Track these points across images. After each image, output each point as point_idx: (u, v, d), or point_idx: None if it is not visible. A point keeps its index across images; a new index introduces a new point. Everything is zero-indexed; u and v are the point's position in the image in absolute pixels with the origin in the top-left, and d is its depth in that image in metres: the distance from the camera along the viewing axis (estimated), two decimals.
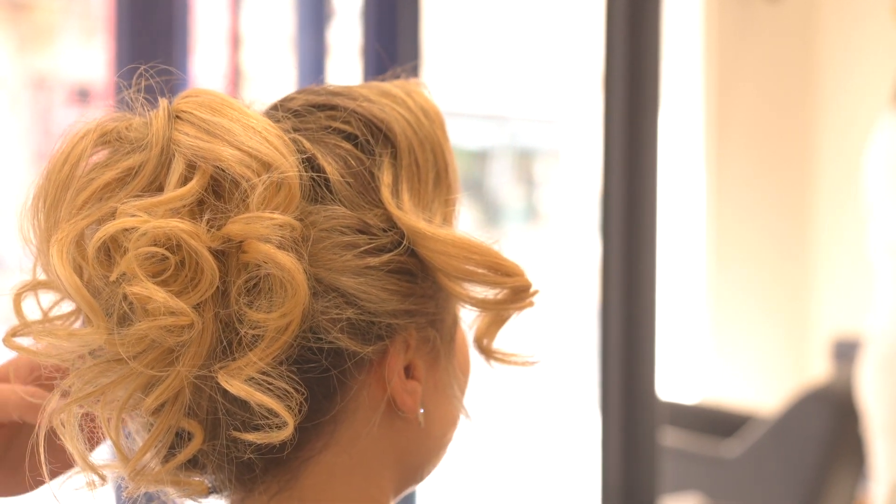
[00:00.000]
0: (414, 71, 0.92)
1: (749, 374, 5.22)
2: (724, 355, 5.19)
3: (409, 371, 0.83)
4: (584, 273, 7.63)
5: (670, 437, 3.85)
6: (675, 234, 5.16)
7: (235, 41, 3.14)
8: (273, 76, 3.27)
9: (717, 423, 4.17)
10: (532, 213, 9.67)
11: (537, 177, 9.69)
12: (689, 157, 5.15)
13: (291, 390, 0.74)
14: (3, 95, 8.37)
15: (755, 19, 5.18)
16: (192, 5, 1.96)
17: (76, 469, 0.76)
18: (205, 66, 3.06)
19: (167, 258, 0.71)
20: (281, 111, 0.84)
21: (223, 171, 0.74)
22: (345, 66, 2.53)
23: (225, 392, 0.75)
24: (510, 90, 8.32)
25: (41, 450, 0.76)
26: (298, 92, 0.87)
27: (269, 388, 0.73)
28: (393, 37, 2.12)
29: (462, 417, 0.91)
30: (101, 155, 0.76)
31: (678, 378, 5.10)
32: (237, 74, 3.12)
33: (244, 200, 0.74)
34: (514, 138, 9.25)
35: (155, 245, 0.71)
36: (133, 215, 0.71)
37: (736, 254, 5.20)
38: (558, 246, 8.62)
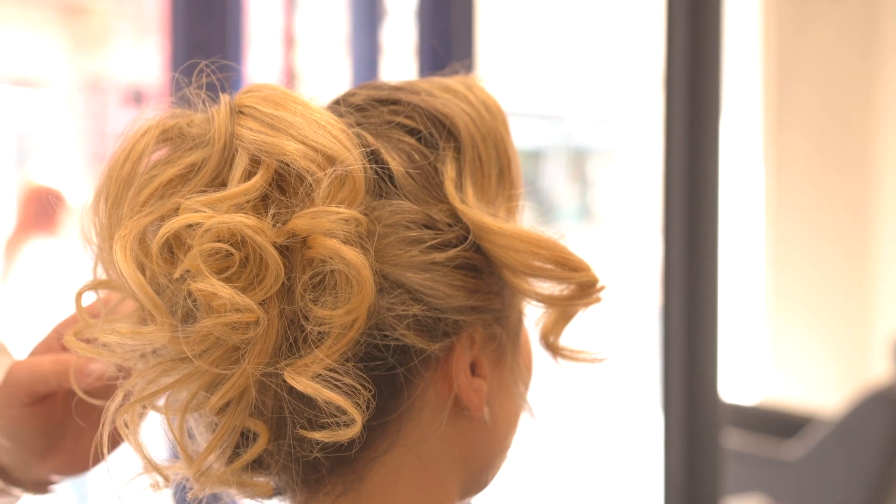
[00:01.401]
0: (468, 70, 0.91)
1: (809, 374, 5.18)
2: (784, 355, 5.15)
3: (473, 369, 0.82)
4: (638, 272, 7.60)
5: (731, 438, 3.81)
6: (734, 233, 5.12)
7: (290, 42, 3.15)
8: (327, 76, 3.27)
9: (777, 424, 4.13)
10: (586, 212, 9.66)
11: (591, 176, 9.67)
12: (748, 155, 5.11)
13: (359, 387, 0.73)
14: (58, 97, 8.45)
15: (815, 17, 5.13)
16: (247, 6, 1.96)
17: (140, 471, 0.76)
18: (259, 67, 3.07)
19: (231, 254, 0.71)
20: (343, 106, 0.83)
21: (287, 165, 0.72)
22: (399, 66, 2.52)
23: (291, 390, 0.74)
24: (564, 89, 8.30)
25: (104, 451, 0.75)
26: (360, 87, 0.86)
27: (336, 385, 0.72)
28: (447, 36, 2.11)
29: (524, 416, 0.89)
30: (162, 152, 0.75)
31: (737, 378, 5.07)
32: (291, 75, 3.12)
33: (309, 195, 0.73)
34: (569, 137, 9.24)
35: (219, 241, 0.70)
36: (197, 211, 0.70)
37: (796, 252, 5.16)
38: (612, 245, 8.60)
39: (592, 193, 9.65)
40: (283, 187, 0.73)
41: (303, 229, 0.72)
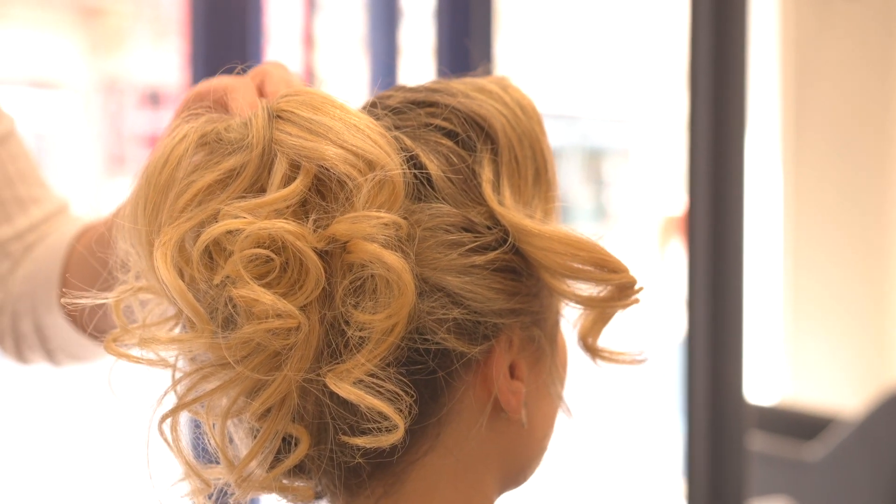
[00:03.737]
0: (488, 71, 0.91)
1: (828, 375, 5.16)
2: (803, 356, 5.13)
3: (511, 371, 0.81)
4: (654, 272, 7.58)
5: (752, 440, 3.80)
6: (752, 234, 5.11)
7: (309, 42, 3.15)
8: (346, 77, 3.28)
9: (797, 426, 4.12)
10: (601, 212, 9.66)
11: (607, 176, 9.67)
12: (766, 155, 5.09)
13: (401, 393, 0.72)
14: (75, 98, 8.48)
15: (833, 17, 5.11)
16: (266, 7, 1.96)
17: (181, 476, 0.76)
18: None
19: (272, 260, 0.70)
20: (379, 108, 0.82)
21: (327, 170, 0.72)
22: (417, 67, 2.53)
23: (332, 395, 0.74)
24: (580, 90, 8.30)
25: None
26: (395, 89, 0.85)
27: (378, 391, 0.72)
28: (466, 36, 2.11)
29: (558, 417, 0.89)
30: (198, 157, 0.74)
31: (757, 380, 5.05)
32: (311, 75, 3.12)
33: (349, 199, 0.72)
34: (584, 138, 9.23)
35: (259, 246, 0.70)
36: (237, 217, 0.70)
37: (815, 253, 5.14)
38: (627, 245, 8.59)
39: (608, 193, 9.64)
40: (322, 192, 0.73)
41: (343, 234, 0.71)
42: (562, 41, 7.93)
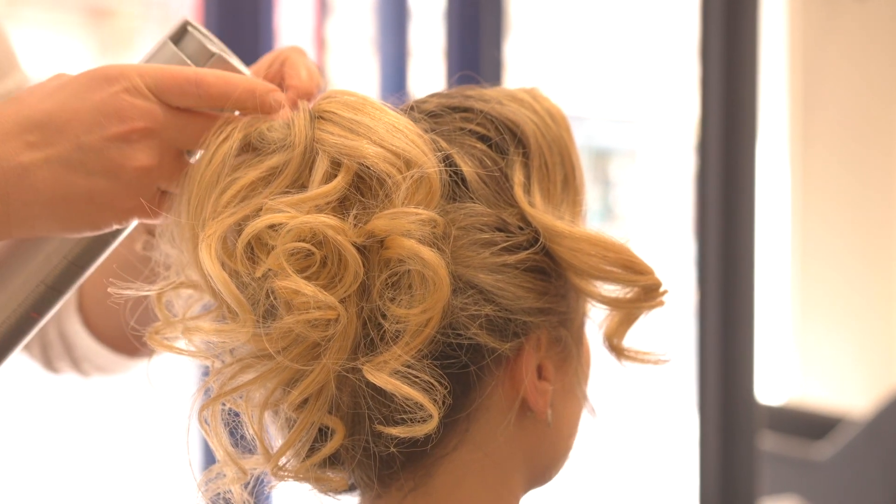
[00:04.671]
0: (496, 71, 0.93)
1: (837, 375, 5.16)
2: (811, 356, 5.13)
3: (539, 371, 0.83)
4: (662, 272, 7.58)
5: (762, 439, 3.79)
6: (762, 233, 5.10)
7: (320, 44, 3.16)
8: (356, 78, 3.29)
9: (806, 425, 4.12)
10: (608, 213, 9.64)
11: (613, 177, 9.66)
12: (774, 156, 5.10)
13: (435, 383, 0.74)
14: None
15: (842, 18, 5.11)
16: (277, 9, 1.97)
17: (219, 465, 0.78)
18: None
19: (312, 253, 0.73)
20: (416, 112, 0.85)
21: (367, 168, 0.74)
22: (427, 68, 2.53)
23: (367, 386, 0.76)
24: (587, 90, 8.29)
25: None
26: (430, 95, 0.88)
27: (414, 381, 0.74)
28: (476, 38, 2.12)
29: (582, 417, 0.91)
30: (242, 155, 0.77)
31: (766, 379, 5.05)
32: (322, 77, 3.13)
33: (388, 197, 0.74)
34: (591, 138, 9.22)
35: (300, 241, 0.72)
36: (280, 211, 0.72)
37: (824, 252, 5.14)
38: (635, 246, 8.57)
39: (615, 194, 9.63)
40: (362, 189, 0.75)
41: (382, 230, 0.74)
42: (570, 42, 7.93)
